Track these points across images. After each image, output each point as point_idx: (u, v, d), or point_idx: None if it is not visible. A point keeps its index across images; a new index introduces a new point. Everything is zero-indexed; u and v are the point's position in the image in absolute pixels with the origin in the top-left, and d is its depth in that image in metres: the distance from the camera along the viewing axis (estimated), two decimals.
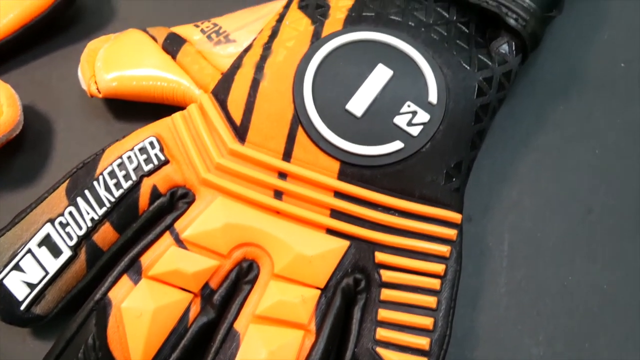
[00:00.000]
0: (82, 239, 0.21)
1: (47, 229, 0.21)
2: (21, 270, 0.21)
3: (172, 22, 0.27)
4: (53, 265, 0.21)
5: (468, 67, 0.23)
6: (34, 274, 0.21)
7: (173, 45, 0.26)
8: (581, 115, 0.27)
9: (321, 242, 0.21)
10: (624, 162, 0.26)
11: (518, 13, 0.23)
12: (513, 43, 0.24)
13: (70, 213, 0.22)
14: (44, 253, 0.21)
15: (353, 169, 0.22)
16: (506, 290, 0.24)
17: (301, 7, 0.24)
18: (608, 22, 0.29)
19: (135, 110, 0.27)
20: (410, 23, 0.24)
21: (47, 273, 0.21)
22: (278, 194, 0.22)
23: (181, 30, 0.26)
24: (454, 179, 0.22)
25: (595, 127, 0.27)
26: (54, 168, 0.26)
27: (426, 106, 0.22)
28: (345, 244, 0.21)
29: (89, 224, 0.21)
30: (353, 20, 0.24)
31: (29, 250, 0.21)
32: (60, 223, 0.21)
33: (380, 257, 0.21)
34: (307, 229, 0.22)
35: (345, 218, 0.22)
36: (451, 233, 0.22)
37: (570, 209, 0.25)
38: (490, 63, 0.23)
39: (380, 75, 0.23)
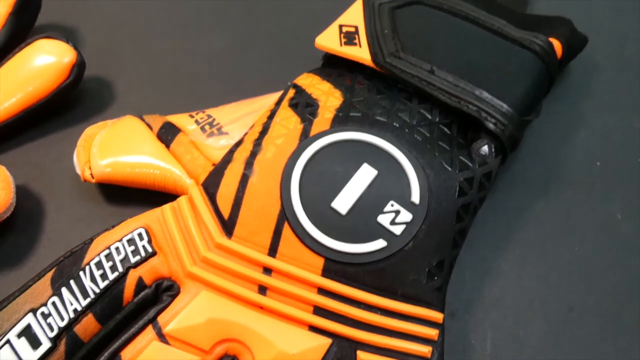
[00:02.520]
0: (63, 330, 0.21)
1: (29, 319, 0.21)
2: None
3: (168, 110, 0.28)
4: (30, 357, 0.21)
5: (450, 168, 0.24)
6: None
7: (167, 134, 0.27)
8: (560, 212, 0.28)
9: (303, 340, 0.21)
10: (602, 261, 0.26)
11: (497, 118, 0.25)
12: (493, 145, 0.25)
13: (54, 303, 0.21)
14: (22, 344, 0.21)
15: (337, 266, 0.22)
16: None
17: (291, 105, 0.25)
18: (584, 123, 0.30)
19: (127, 194, 0.27)
20: (395, 124, 0.25)
21: None
22: (262, 289, 0.22)
23: (176, 119, 0.27)
24: (435, 278, 0.23)
25: (574, 224, 0.27)
26: (42, 251, 0.26)
27: (409, 206, 0.23)
28: (327, 342, 0.21)
29: (72, 315, 0.21)
30: (340, 120, 0.25)
31: (8, 341, 0.21)
32: (42, 313, 0.21)
33: (362, 356, 0.21)
34: (289, 326, 0.22)
35: (328, 315, 0.22)
36: (432, 333, 0.22)
37: (552, 307, 0.25)
38: (471, 164, 0.24)
39: (365, 174, 0.23)
